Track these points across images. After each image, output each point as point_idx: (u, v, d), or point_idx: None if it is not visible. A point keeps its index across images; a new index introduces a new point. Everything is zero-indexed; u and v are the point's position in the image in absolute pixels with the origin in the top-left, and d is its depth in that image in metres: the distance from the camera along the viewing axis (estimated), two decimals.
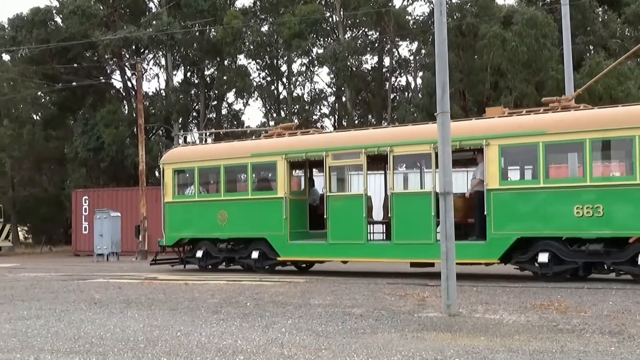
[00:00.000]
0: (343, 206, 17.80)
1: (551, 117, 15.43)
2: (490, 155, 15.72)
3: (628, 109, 15.09)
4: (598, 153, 15.00)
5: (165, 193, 20.94)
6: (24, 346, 8.73)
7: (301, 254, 18.71)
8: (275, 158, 18.83)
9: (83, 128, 42.03)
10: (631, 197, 14.19)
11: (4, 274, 21.09)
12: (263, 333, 9.22)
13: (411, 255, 16.95)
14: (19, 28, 41.56)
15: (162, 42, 39.12)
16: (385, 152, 17.17)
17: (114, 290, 15.09)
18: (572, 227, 14.71)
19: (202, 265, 20.53)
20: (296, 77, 44.91)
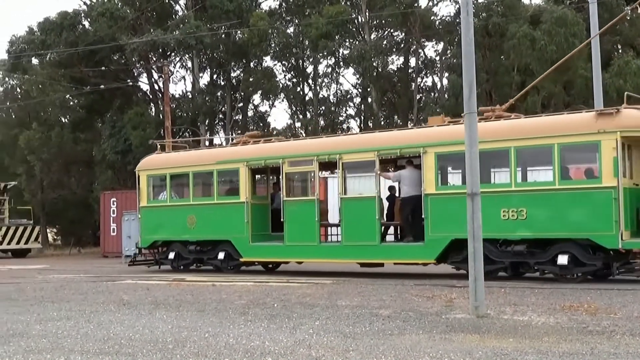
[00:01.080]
0: (297, 210, 18.94)
1: (481, 126, 15.63)
2: (427, 162, 16.84)
3: (548, 118, 16.23)
4: (522, 160, 16.09)
5: (141, 198, 22.26)
6: (54, 347, 8.82)
7: (262, 255, 20.05)
8: (237, 165, 20.09)
9: (111, 131, 42.33)
10: (551, 201, 15.21)
11: (34, 276, 21.32)
12: (290, 334, 9.23)
13: (359, 256, 18.22)
14: (48, 32, 41.95)
15: (189, 45, 39.30)
16: (335, 159, 18.42)
17: (142, 291, 15.19)
18: (500, 230, 15.73)
19: (175, 266, 21.75)
20: (322, 78, 44.91)
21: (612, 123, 14.73)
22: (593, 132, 14.85)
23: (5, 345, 8.97)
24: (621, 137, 14.60)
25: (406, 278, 16.93)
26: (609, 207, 14.58)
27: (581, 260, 15.17)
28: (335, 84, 45.76)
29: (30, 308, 12.81)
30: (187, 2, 43.55)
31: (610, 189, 14.61)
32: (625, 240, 14.52)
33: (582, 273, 15.37)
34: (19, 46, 43.22)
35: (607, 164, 14.64)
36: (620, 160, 14.60)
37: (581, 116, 15.66)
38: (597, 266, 15.13)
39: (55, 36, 41.66)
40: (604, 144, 14.70)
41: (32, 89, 46.60)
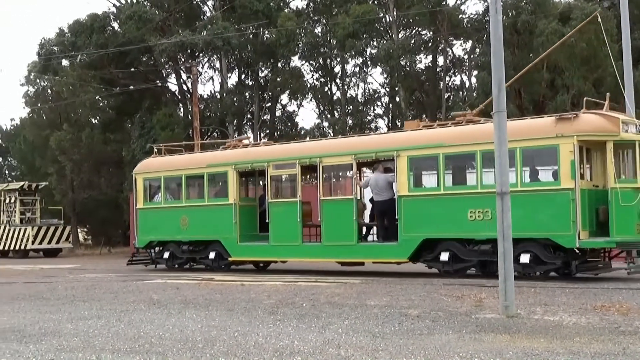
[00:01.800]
0: (281, 211, 19.90)
1: (450, 131, 17.46)
2: (400, 165, 17.72)
3: (511, 123, 15.76)
4: (488, 163, 16.38)
5: (137, 200, 23.37)
6: (85, 346, 8.90)
7: (249, 254, 20.95)
8: (226, 168, 21.08)
9: (140, 131, 42.61)
10: (515, 202, 14.91)
11: (65, 275, 21.53)
12: (319, 334, 9.24)
13: (338, 256, 19.19)
14: (78, 33, 42.32)
15: (217, 46, 39.45)
16: (316, 162, 19.25)
17: (171, 290, 15.28)
18: (467, 230, 16.61)
19: (169, 265, 22.84)
20: (350, 77, 44.87)
21: (570, 128, 15.49)
22: (552, 136, 15.66)
23: (38, 344, 9.07)
24: (578, 141, 15.35)
25: (435, 277, 16.87)
26: (567, 208, 15.33)
27: (542, 259, 15.87)
28: (363, 83, 45.72)
29: (61, 307, 12.94)
30: (215, 3, 43.75)
31: (568, 190, 15.32)
32: (583, 239, 15.23)
33: (544, 271, 16.07)
34: (49, 48, 43.65)
35: (565, 166, 15.40)
36: (578, 163, 15.32)
37: (542, 121, 16.49)
38: (557, 264, 15.86)
39: (85, 38, 42.01)
40: (562, 148, 15.46)
41: (63, 90, 47.03)
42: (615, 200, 15.35)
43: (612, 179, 15.49)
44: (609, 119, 15.72)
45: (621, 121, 15.66)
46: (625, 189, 15.52)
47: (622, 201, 15.36)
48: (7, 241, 36.23)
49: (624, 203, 15.38)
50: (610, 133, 15.51)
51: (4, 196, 37.37)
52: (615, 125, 15.56)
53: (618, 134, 15.51)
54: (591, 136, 15.57)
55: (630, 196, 15.56)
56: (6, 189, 37.75)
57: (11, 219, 36.63)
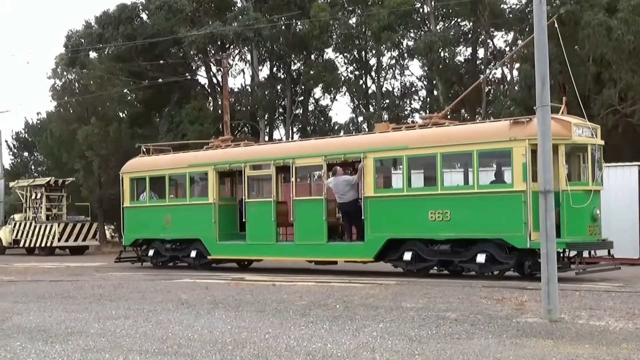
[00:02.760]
0: (257, 211, 20.97)
1: (413, 134, 18.60)
2: (367, 166, 18.76)
3: (469, 126, 18.42)
4: (449, 164, 18.23)
5: (124, 199, 24.73)
6: (112, 346, 8.98)
7: (227, 253, 22.16)
8: (206, 168, 22.34)
9: (169, 126, 42.86)
10: (472, 204, 17.13)
11: (92, 273, 21.77)
12: (353, 337, 9.23)
13: (309, 254, 20.39)
14: (106, 25, 42.69)
15: (248, 38, 39.55)
16: (289, 163, 20.30)
17: (200, 290, 15.37)
18: (428, 230, 17.72)
19: (154, 263, 24.11)
20: (386, 70, 44.74)
21: (523, 131, 16.46)
22: (506, 139, 16.72)
23: (64, 344, 9.18)
24: (531, 145, 16.08)
25: (474, 279, 16.78)
26: (519, 209, 16.37)
27: (498, 259, 16.95)
28: (399, 76, 45.56)
29: (88, 306, 13.08)
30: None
31: (520, 192, 16.39)
32: (534, 240, 15.95)
33: (499, 271, 17.21)
34: (76, 40, 44.07)
35: (518, 169, 16.45)
36: (530, 166, 16.17)
37: (497, 124, 17.68)
38: (511, 264, 16.96)
39: (113, 30, 42.35)
40: (515, 151, 16.49)
41: (90, 84, 47.46)
42: (567, 203, 16.22)
43: (563, 181, 16.30)
44: (561, 123, 16.58)
45: (573, 125, 16.63)
46: (576, 191, 16.46)
47: (573, 203, 16.25)
48: (33, 238, 36.66)
49: (574, 205, 16.27)
50: (562, 137, 16.36)
51: (29, 192, 37.79)
52: (567, 129, 16.53)
53: (570, 138, 16.48)
54: None
55: (582, 198, 16.46)
56: (32, 184, 38.17)
57: (37, 215, 37.08)
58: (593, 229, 16.88)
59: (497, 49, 42.69)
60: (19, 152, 64.17)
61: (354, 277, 18.17)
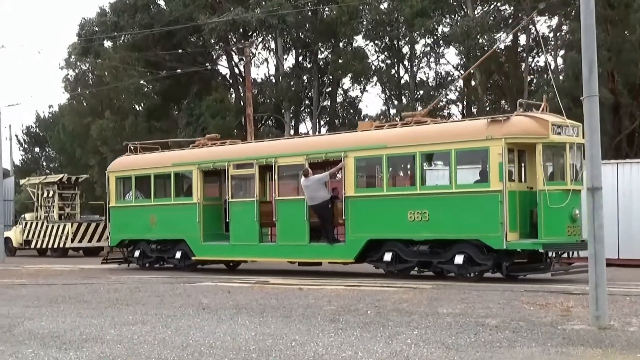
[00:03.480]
0: (240, 211, 21.70)
1: (393, 133, 19.24)
2: (348, 165, 19.44)
3: (447, 125, 19.35)
4: (428, 163, 18.90)
5: (110, 199, 25.59)
6: (129, 353, 9.05)
7: (212, 253, 22.89)
8: (191, 167, 23.11)
9: (188, 119, 43.06)
10: (449, 204, 17.78)
11: (107, 276, 21.93)
12: (386, 344, 9.22)
13: (291, 255, 21.17)
14: (121, 12, 42.97)
15: (272, 25, 39.60)
16: (272, 162, 21.01)
17: (222, 294, 15.43)
18: (407, 231, 18.32)
19: (140, 264, 24.94)
20: (419, 59, 44.60)
21: (500, 130, 17.07)
22: (482, 138, 17.27)
23: (79, 351, 9.26)
24: (507, 144, 16.93)
25: (515, 283, 16.70)
26: (496, 209, 16.91)
27: (476, 260, 17.51)
28: (434, 65, 45.38)
29: (104, 311, 13.19)
30: None
31: (496, 192, 16.95)
32: (510, 241, 16.81)
33: (478, 272, 17.77)
34: (90, 29, 44.35)
35: (494, 168, 17.01)
36: (506, 165, 16.88)
37: (475, 123, 18.33)
38: (489, 266, 17.49)
39: (129, 17, 42.59)
40: (492, 150, 17.04)
41: (105, 75, 47.76)
42: (544, 202, 16.80)
43: (540, 180, 16.89)
44: (538, 122, 17.19)
45: (551, 123, 17.09)
46: (554, 190, 16.97)
47: (551, 203, 16.79)
48: (45, 239, 36.96)
49: (552, 205, 16.80)
50: (539, 135, 17.00)
51: (41, 190, 38.07)
52: (545, 128, 17.01)
53: (547, 137, 16.97)
54: (520, 138, 17.15)
55: (560, 198, 16.96)
56: (44, 182, 38.44)
57: (49, 215, 37.38)
58: (572, 230, 17.33)
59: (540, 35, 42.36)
60: (30, 147, 64.72)
61: (385, 280, 18.15)
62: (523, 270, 18.19)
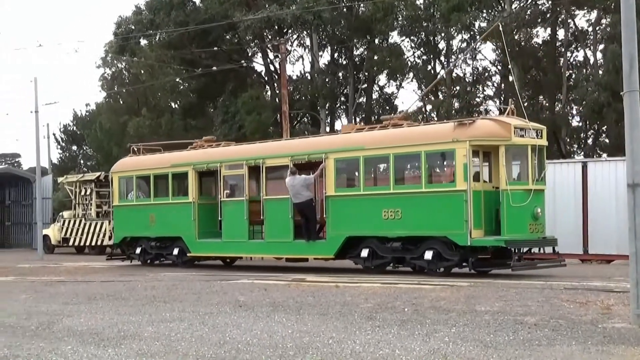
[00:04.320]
0: (231, 210, 22.85)
1: (369, 135, 20.41)
2: (329, 166, 20.53)
3: (418, 128, 20.15)
4: (399, 165, 19.76)
5: (114, 198, 26.99)
6: (167, 350, 9.12)
7: (206, 250, 24.10)
8: (187, 168, 24.23)
9: (224, 116, 43.24)
10: (420, 203, 18.88)
11: (145, 274, 22.10)
12: (424, 342, 9.20)
13: (277, 252, 22.40)
14: (157, 11, 43.26)
15: (308, 21, 39.63)
16: (260, 163, 22.07)
17: (259, 292, 15.49)
18: (382, 228, 19.39)
19: (142, 261, 26.17)
20: (456, 54, 44.40)
21: (465, 133, 18.09)
22: (449, 141, 18.32)
23: (117, 348, 9.35)
24: (472, 146, 17.96)
25: (555, 280, 16.57)
26: (461, 208, 17.94)
27: (444, 256, 18.54)
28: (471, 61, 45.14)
29: (141, 308, 13.30)
30: None
31: (462, 192, 17.96)
32: (475, 238, 17.90)
33: (446, 267, 18.70)
34: (126, 27, 44.70)
35: (460, 169, 18.02)
36: (470, 167, 17.93)
37: (443, 126, 19.50)
38: (456, 261, 18.49)
39: (164, 15, 42.86)
40: (458, 152, 18.07)
41: (141, 73, 48.11)
42: (507, 201, 17.84)
43: (503, 181, 17.97)
44: (501, 125, 18.25)
45: (514, 126, 18.05)
46: (516, 190, 18.05)
47: (514, 202, 17.83)
48: (83, 236, 37.33)
49: (515, 204, 17.85)
50: (502, 138, 18.03)
51: (79, 188, 38.43)
52: (507, 131, 18.02)
53: (510, 139, 17.98)
54: (484, 141, 18.21)
55: (522, 197, 18.05)
56: (81, 179, 38.81)
57: (87, 213, 37.73)
58: (535, 227, 18.38)
59: (579, 29, 41.96)
60: (68, 145, 65.31)
61: (422, 278, 18.11)
62: (491, 266, 19.11)
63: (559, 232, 22.75)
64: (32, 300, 15.35)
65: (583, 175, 24.80)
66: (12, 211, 49.18)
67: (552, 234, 20.12)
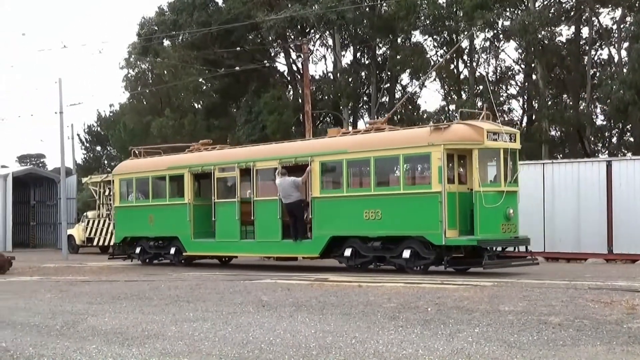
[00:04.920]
0: (224, 210, 23.89)
1: (352, 139, 21.50)
2: (314, 169, 21.50)
3: (397, 132, 21.29)
4: (380, 168, 20.54)
5: (115, 199, 28.36)
6: (191, 350, 9.16)
7: (201, 249, 25.21)
8: (182, 171, 25.31)
9: (246, 116, 43.34)
10: (398, 204, 19.81)
11: (168, 273, 22.20)
12: (447, 342, 9.18)
13: (267, 251, 23.64)
14: (179, 11, 43.44)
15: (330, 21, 39.62)
16: (250, 166, 23.10)
17: (282, 292, 15.51)
18: (364, 228, 20.41)
19: (141, 259, 27.29)
20: (479, 53, 44.23)
21: (440, 137, 19.10)
22: (425, 145, 19.31)
23: (141, 347, 9.40)
24: (446, 149, 18.93)
25: (579, 280, 16.48)
26: (436, 209, 18.94)
27: (421, 255, 19.53)
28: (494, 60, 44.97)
29: (165, 308, 13.36)
30: None
31: (436, 193, 18.95)
32: (449, 237, 18.89)
33: (423, 265, 19.72)
34: (149, 28, 44.91)
35: (435, 172, 19.01)
36: (445, 169, 18.90)
37: (420, 131, 20.45)
38: (432, 259, 19.47)
39: (187, 16, 43.03)
40: (433, 155, 19.05)
41: (164, 73, 48.33)
42: (479, 202, 18.82)
43: (476, 183, 18.89)
44: (474, 129, 19.12)
45: (486, 131, 18.95)
46: (489, 192, 19.00)
47: (486, 203, 18.80)
48: (107, 236, 37.52)
49: (487, 205, 18.82)
50: (475, 142, 18.95)
51: (103, 188, 38.67)
52: (480, 135, 18.91)
53: (482, 143, 18.89)
54: (458, 145, 19.14)
55: (495, 198, 18.98)
56: (105, 180, 38.98)
57: (111, 213, 37.91)
58: (507, 227, 19.28)
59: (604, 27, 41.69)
60: (92, 146, 65.73)
61: (446, 278, 18.08)
62: (466, 264, 20.02)
63: (583, 231, 23.03)
64: (57, 299, 15.46)
65: (608, 174, 24.78)
66: (37, 211, 49.58)
67: (577, 233, 21.43)
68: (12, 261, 24.56)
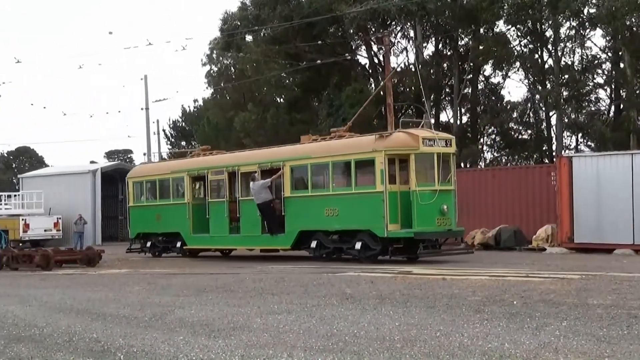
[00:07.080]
0: (216, 209, 27.23)
1: (315, 146, 24.61)
2: (286, 172, 24.60)
3: (350, 140, 23.86)
4: (337, 170, 23.72)
5: (129, 199, 31.95)
6: (276, 342, 9.24)
7: (198, 243, 28.62)
8: (183, 174, 28.94)
9: (328, 110, 43.42)
10: (351, 202, 22.83)
11: (252, 266, 22.46)
12: (533, 336, 9.05)
13: (249, 244, 27.17)
14: (262, 6, 43.74)
15: (412, 13, 39.38)
16: (236, 170, 26.50)
17: (365, 284, 15.52)
18: (325, 223, 23.55)
19: (152, 253, 30.54)
20: (564, 42, 43.35)
21: (382, 144, 22.11)
22: (370, 150, 22.32)
23: (227, 339, 9.52)
24: (387, 155, 21.83)
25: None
26: (380, 206, 21.80)
27: (370, 246, 22.38)
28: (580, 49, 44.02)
29: (250, 300, 13.51)
30: None
31: (379, 193, 21.86)
32: (391, 230, 21.71)
33: (371, 255, 22.40)
34: (232, 23, 45.35)
35: (378, 174, 21.93)
36: (386, 172, 21.72)
37: (368, 138, 23.26)
38: (378, 250, 22.28)
39: (269, 10, 43.29)
40: (377, 160, 21.99)
41: (247, 68, 48.75)
42: (416, 200, 21.71)
43: (413, 183, 21.81)
44: (411, 136, 22.10)
45: (422, 138, 21.85)
46: (424, 190, 21.79)
47: (422, 200, 21.63)
48: None
49: (423, 202, 21.64)
50: (411, 148, 21.83)
51: None
52: (416, 141, 21.83)
53: (418, 148, 21.75)
54: (397, 150, 22.01)
55: (429, 196, 21.75)
56: None
57: None
58: (442, 221, 22.04)
59: None
60: (177, 141, 66.81)
61: (531, 270, 17.81)
62: (407, 253, 22.51)
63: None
64: (145, 292, 15.79)
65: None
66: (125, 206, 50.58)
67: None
68: (101, 254, 25.43)
